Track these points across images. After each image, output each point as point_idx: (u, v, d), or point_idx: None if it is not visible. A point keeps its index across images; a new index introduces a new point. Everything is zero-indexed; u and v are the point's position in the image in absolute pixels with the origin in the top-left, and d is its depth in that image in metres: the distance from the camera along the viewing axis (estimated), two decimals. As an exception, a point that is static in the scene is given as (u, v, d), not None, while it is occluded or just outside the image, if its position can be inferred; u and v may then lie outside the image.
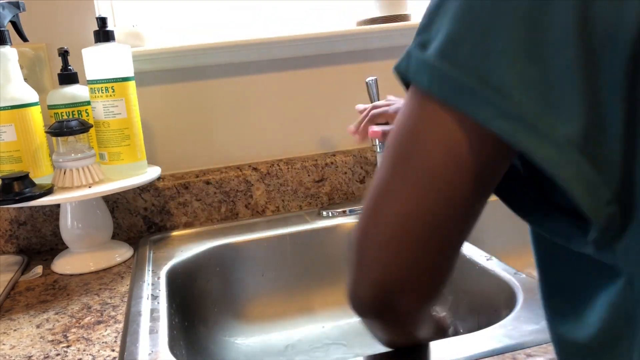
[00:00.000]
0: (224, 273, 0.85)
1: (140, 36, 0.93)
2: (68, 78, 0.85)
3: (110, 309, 0.67)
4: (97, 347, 0.58)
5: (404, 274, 0.38)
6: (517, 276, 0.63)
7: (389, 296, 0.39)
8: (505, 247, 0.88)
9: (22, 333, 0.63)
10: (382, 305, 0.40)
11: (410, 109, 0.36)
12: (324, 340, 0.81)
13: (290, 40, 0.96)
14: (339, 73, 1.02)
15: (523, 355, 0.48)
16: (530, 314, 0.54)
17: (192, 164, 0.98)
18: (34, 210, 0.90)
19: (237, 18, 1.03)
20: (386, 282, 0.38)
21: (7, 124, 0.77)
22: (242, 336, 0.82)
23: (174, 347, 0.59)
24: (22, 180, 0.75)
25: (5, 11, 0.78)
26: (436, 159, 0.34)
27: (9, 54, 0.78)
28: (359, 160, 1.01)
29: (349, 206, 0.95)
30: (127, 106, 0.82)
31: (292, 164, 0.98)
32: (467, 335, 0.52)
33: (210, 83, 0.97)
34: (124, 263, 0.83)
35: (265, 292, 0.87)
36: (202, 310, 0.80)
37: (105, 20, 0.81)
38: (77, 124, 0.79)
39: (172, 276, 0.76)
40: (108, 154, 0.83)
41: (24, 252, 0.91)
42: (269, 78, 0.99)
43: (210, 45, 0.93)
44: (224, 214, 0.97)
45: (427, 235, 0.37)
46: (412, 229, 0.37)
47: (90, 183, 0.79)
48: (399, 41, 1.02)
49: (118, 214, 0.93)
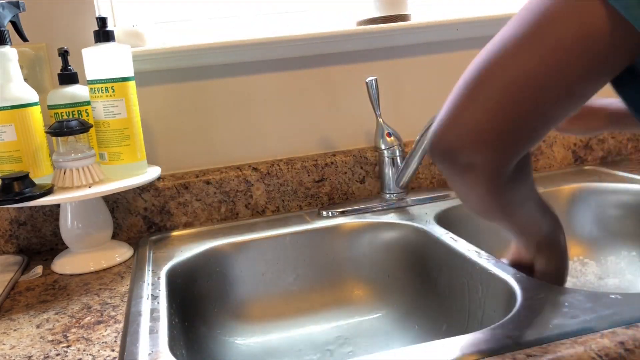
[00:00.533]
0: (224, 273, 0.85)
1: (140, 36, 0.93)
2: (68, 78, 0.85)
3: (110, 309, 0.67)
4: (97, 347, 0.58)
5: (494, 126, 0.41)
6: (517, 276, 0.63)
7: (469, 142, 0.42)
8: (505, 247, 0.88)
9: (22, 333, 0.63)
10: (458, 149, 0.43)
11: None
12: (324, 340, 0.81)
13: (290, 40, 0.96)
14: (339, 73, 1.02)
15: (523, 355, 0.48)
16: (530, 314, 0.54)
17: (192, 164, 0.98)
18: (34, 210, 0.90)
19: (237, 18, 1.03)
20: (474, 128, 0.42)
21: (7, 124, 0.77)
22: (242, 336, 0.82)
23: (174, 347, 0.59)
24: (22, 180, 0.75)
25: (5, 11, 0.78)
26: (567, 31, 0.38)
27: (9, 54, 0.78)
28: (359, 160, 1.01)
29: (349, 206, 0.95)
30: (127, 106, 0.82)
31: (292, 164, 0.98)
32: (467, 335, 0.52)
33: (210, 83, 0.97)
34: (124, 263, 0.83)
35: (265, 292, 0.87)
36: (202, 310, 0.81)
37: (105, 20, 0.81)
38: (77, 124, 0.79)
39: (172, 276, 0.76)
40: (108, 154, 0.83)
41: (24, 252, 0.91)
42: (269, 78, 0.99)
43: (210, 45, 0.93)
44: (224, 214, 0.97)
45: (533, 98, 0.40)
46: (523, 87, 0.40)
47: (90, 183, 0.79)
48: (399, 41, 1.02)
49: (118, 214, 0.93)
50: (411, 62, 1.05)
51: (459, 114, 0.43)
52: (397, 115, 1.05)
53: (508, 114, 0.41)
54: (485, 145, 0.43)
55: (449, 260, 0.76)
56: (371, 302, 0.87)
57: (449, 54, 1.06)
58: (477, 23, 1.03)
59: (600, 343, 0.48)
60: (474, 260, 0.70)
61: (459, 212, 0.93)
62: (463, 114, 0.43)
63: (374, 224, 0.90)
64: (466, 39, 1.06)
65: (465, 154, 0.44)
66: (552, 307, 0.55)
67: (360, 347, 0.79)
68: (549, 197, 0.97)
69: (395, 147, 0.95)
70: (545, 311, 0.54)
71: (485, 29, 1.05)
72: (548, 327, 0.51)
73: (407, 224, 0.87)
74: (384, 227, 0.89)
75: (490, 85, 0.41)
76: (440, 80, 1.07)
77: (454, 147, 0.44)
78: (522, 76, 0.40)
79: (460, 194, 0.52)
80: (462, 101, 0.43)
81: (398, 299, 0.85)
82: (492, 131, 0.42)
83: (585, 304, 0.55)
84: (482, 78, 0.42)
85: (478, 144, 0.43)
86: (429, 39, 1.03)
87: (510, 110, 0.41)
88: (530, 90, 0.40)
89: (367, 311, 0.86)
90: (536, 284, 0.60)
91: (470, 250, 0.73)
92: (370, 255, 0.89)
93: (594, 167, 1.08)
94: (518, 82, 0.40)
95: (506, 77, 0.41)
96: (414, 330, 0.80)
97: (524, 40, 0.40)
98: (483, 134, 0.42)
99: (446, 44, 1.05)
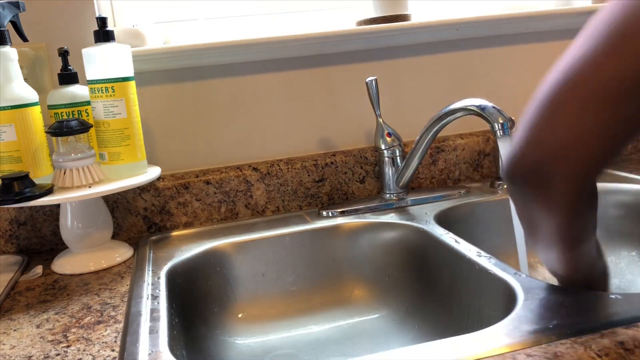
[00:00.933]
0: (224, 273, 0.85)
1: (140, 36, 0.93)
2: (68, 78, 0.85)
3: (110, 309, 0.67)
4: (97, 347, 0.58)
5: (579, 139, 0.42)
6: (517, 276, 0.63)
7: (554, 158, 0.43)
8: (505, 247, 0.88)
9: (22, 333, 0.63)
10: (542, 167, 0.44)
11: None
12: (324, 340, 0.81)
13: (290, 40, 0.96)
14: (339, 73, 1.02)
15: (523, 355, 0.48)
16: (530, 314, 0.54)
17: (192, 164, 0.98)
18: (34, 210, 0.90)
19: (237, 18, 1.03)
20: (559, 143, 0.43)
21: (7, 124, 0.77)
22: (242, 336, 0.82)
23: (174, 347, 0.59)
24: (22, 180, 0.75)
25: (5, 11, 0.78)
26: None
27: (9, 53, 0.78)
28: (359, 160, 1.01)
29: (349, 206, 0.95)
30: (127, 106, 0.82)
31: (292, 164, 0.98)
32: (467, 335, 0.52)
33: (210, 83, 0.97)
34: (124, 263, 0.83)
35: (265, 292, 0.87)
36: (202, 310, 0.81)
37: (105, 20, 0.81)
38: (77, 124, 0.79)
39: (172, 276, 0.76)
40: (108, 154, 0.83)
41: (24, 252, 0.91)
42: (269, 78, 0.99)
43: (210, 45, 0.93)
44: (224, 214, 0.97)
45: (616, 107, 0.41)
46: (607, 98, 0.40)
47: (90, 183, 0.79)
48: (399, 41, 1.02)
49: (118, 214, 0.93)
50: (411, 62, 1.05)
51: (540, 132, 0.44)
52: (397, 115, 1.05)
53: (592, 127, 0.42)
54: (570, 159, 0.43)
55: (449, 261, 0.76)
56: (371, 302, 0.87)
57: (449, 54, 1.06)
58: (477, 23, 1.03)
59: (600, 343, 0.48)
60: (474, 260, 0.70)
61: (459, 212, 0.93)
62: (545, 131, 0.44)
63: (374, 224, 0.90)
64: (466, 39, 1.06)
65: (549, 171, 0.44)
66: (552, 307, 0.55)
67: (360, 347, 0.79)
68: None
69: (395, 147, 0.95)
70: (545, 311, 0.54)
71: (485, 29, 1.06)
72: (548, 327, 0.51)
73: (407, 224, 0.87)
74: (384, 227, 0.89)
75: (572, 99, 0.42)
76: (440, 80, 1.07)
77: (538, 166, 0.45)
78: (607, 86, 0.41)
79: (532, 222, 0.51)
80: (542, 119, 0.44)
81: (398, 299, 0.85)
82: (577, 145, 0.43)
83: (585, 304, 0.55)
84: (561, 93, 0.43)
85: (563, 159, 0.43)
86: (429, 39, 1.03)
87: (594, 123, 0.42)
88: (614, 99, 0.41)
89: (367, 311, 0.86)
90: (536, 284, 0.60)
91: (470, 250, 0.73)
92: (370, 255, 0.89)
93: (594, 167, 1.08)
94: (602, 92, 0.41)
95: (589, 90, 0.41)
96: (414, 330, 0.80)
97: (608, 49, 0.40)
98: (567, 149, 0.43)
99: (446, 44, 1.05)
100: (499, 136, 0.77)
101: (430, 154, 1.04)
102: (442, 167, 1.05)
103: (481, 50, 1.08)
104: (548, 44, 1.11)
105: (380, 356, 0.50)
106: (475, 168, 1.07)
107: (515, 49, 1.09)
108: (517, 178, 0.47)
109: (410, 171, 0.93)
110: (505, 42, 1.09)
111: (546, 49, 1.11)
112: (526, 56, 1.10)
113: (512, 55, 1.09)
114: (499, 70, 1.09)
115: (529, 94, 1.20)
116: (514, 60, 1.10)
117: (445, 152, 1.05)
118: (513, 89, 1.10)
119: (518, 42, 1.09)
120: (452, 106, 0.83)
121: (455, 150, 1.05)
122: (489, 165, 1.07)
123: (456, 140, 1.05)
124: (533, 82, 1.11)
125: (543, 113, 0.44)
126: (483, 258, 0.70)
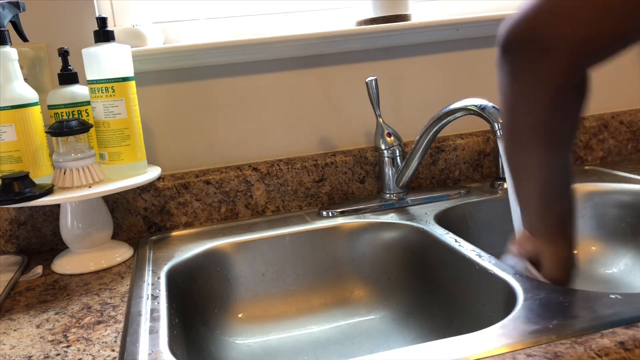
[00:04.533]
0: (224, 273, 0.85)
1: (140, 36, 0.93)
2: (68, 78, 0.85)
3: (110, 309, 0.67)
4: (97, 347, 0.58)
5: (594, 12, 0.41)
6: (517, 276, 0.63)
7: (564, 19, 0.41)
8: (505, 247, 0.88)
9: (22, 333, 0.63)
10: (546, 28, 0.42)
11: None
12: (324, 340, 0.81)
13: (290, 40, 0.96)
14: (339, 73, 1.02)
15: (523, 355, 0.48)
16: (530, 314, 0.54)
17: (192, 164, 0.98)
18: (34, 210, 0.90)
19: (237, 18, 1.03)
20: (574, 6, 0.41)
21: (7, 124, 0.77)
22: (242, 336, 0.82)
23: (174, 347, 0.59)
24: (22, 180, 0.75)
25: (5, 11, 0.78)
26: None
27: (9, 53, 0.78)
28: (359, 160, 1.01)
29: (349, 206, 0.95)
30: (127, 106, 0.82)
31: (292, 164, 0.98)
32: (467, 335, 0.52)
33: (210, 83, 0.97)
34: (124, 263, 0.83)
35: (265, 292, 0.87)
36: (202, 310, 0.81)
37: (105, 20, 0.81)
38: (77, 124, 0.79)
39: (172, 276, 0.76)
40: (108, 154, 0.83)
41: (24, 252, 0.91)
42: (269, 78, 0.99)
43: (210, 45, 0.93)
44: (224, 214, 0.97)
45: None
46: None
47: (90, 183, 0.79)
48: (399, 41, 1.02)
49: (118, 214, 0.93)
50: (411, 62, 1.05)
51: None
52: (397, 115, 1.05)
53: (612, 5, 0.40)
54: (576, 30, 0.42)
55: (449, 261, 0.76)
56: (371, 302, 0.87)
57: (449, 54, 1.06)
58: (477, 23, 1.03)
59: (600, 343, 0.48)
60: (474, 260, 0.70)
61: (459, 212, 0.93)
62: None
63: (374, 224, 0.90)
64: (466, 39, 1.06)
65: (550, 39, 0.42)
66: (552, 307, 0.55)
67: (360, 347, 0.79)
68: (549, 197, 0.97)
69: (395, 147, 0.95)
70: (545, 311, 0.54)
71: (485, 29, 1.06)
72: (548, 327, 0.51)
73: (407, 224, 0.87)
74: (384, 227, 0.89)
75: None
76: (440, 80, 1.07)
77: (540, 30, 0.43)
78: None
79: (514, 99, 0.49)
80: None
81: (398, 299, 0.85)
82: (589, 18, 0.41)
83: (585, 304, 0.55)
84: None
85: (569, 26, 0.41)
86: (429, 39, 1.03)
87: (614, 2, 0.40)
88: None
89: (367, 311, 0.86)
90: (536, 284, 0.60)
91: (470, 250, 0.73)
92: (370, 255, 0.89)
93: (594, 167, 1.08)
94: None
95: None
96: (413, 331, 0.80)
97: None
98: (577, 19, 0.41)
99: (446, 44, 1.05)
100: (499, 136, 0.77)
101: (430, 154, 1.04)
102: (442, 167, 1.05)
103: (481, 50, 1.08)
104: (548, 44, 1.10)
105: (380, 356, 0.51)
106: (475, 168, 1.07)
107: (515, 49, 1.09)
108: (513, 44, 0.45)
109: (410, 171, 0.93)
110: (505, 42, 1.08)
111: (546, 49, 1.11)
112: (526, 56, 1.10)
113: (512, 55, 1.09)
114: (499, 70, 1.09)
115: (529, 94, 1.14)
116: (514, 60, 1.09)
117: (445, 152, 1.05)
118: (513, 89, 1.10)
119: (518, 42, 1.09)
120: (452, 106, 0.83)
121: (455, 150, 1.05)
122: (489, 165, 1.07)
123: (456, 140, 1.05)
124: (533, 82, 1.11)
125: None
126: (483, 258, 0.70)
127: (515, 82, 0.48)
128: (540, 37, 0.43)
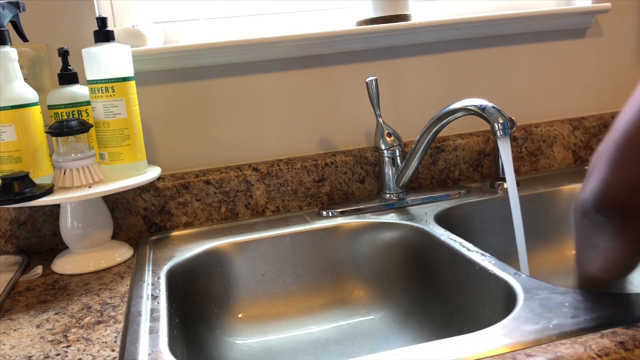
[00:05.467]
0: (224, 273, 0.85)
1: (140, 36, 0.93)
2: (68, 78, 0.85)
3: (110, 309, 0.67)
4: (97, 347, 0.58)
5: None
6: (517, 276, 0.63)
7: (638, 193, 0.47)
8: (505, 247, 0.88)
9: (22, 333, 0.63)
10: (628, 200, 0.48)
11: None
12: (324, 340, 0.81)
13: (290, 40, 0.96)
14: (339, 73, 1.02)
15: (523, 355, 0.48)
16: (530, 314, 0.54)
17: (192, 164, 0.98)
18: (34, 210, 0.90)
19: (237, 18, 1.03)
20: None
21: (7, 124, 0.77)
22: (242, 336, 0.82)
23: (174, 347, 0.59)
24: (22, 180, 0.75)
25: (5, 11, 0.78)
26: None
27: (9, 53, 0.78)
28: (359, 160, 1.01)
29: (349, 206, 0.95)
30: (127, 106, 0.82)
31: (292, 164, 0.98)
32: (467, 335, 0.52)
33: (210, 83, 0.97)
34: (124, 263, 0.83)
35: (265, 292, 0.87)
36: (202, 310, 0.81)
37: (105, 20, 0.81)
38: (77, 124, 0.79)
39: (172, 276, 0.76)
40: (108, 154, 0.83)
41: (24, 252, 0.91)
42: (269, 78, 0.99)
43: (210, 45, 0.93)
44: (224, 214, 0.97)
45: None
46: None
47: (90, 183, 0.79)
48: (399, 41, 1.02)
49: (118, 214, 0.93)
50: (411, 62, 1.05)
51: (622, 171, 0.49)
52: (397, 115, 1.05)
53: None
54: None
55: (449, 261, 0.76)
56: (371, 302, 0.87)
57: (449, 54, 1.06)
58: (477, 23, 1.03)
59: (600, 343, 0.48)
60: (474, 260, 0.70)
61: (459, 212, 0.93)
62: (627, 171, 0.48)
63: (374, 224, 0.90)
64: (466, 39, 1.06)
65: (634, 204, 0.48)
66: (552, 307, 0.55)
67: (361, 347, 0.79)
68: (549, 197, 0.97)
69: (395, 147, 0.95)
70: (545, 311, 0.54)
71: (485, 29, 1.06)
72: (548, 327, 0.51)
73: (407, 224, 0.87)
74: (384, 227, 0.89)
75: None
76: (440, 80, 1.07)
77: (624, 200, 0.49)
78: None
79: (610, 249, 0.53)
80: (626, 158, 0.48)
81: (398, 299, 0.85)
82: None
83: (585, 304, 0.55)
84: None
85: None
86: (429, 39, 1.03)
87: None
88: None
89: (367, 311, 0.86)
90: (536, 284, 0.60)
91: (470, 250, 0.73)
92: (370, 255, 0.89)
93: (594, 167, 1.08)
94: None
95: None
96: (414, 331, 0.80)
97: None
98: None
99: (446, 44, 1.05)
100: (499, 136, 0.77)
101: (430, 154, 1.04)
102: (442, 167, 1.05)
103: (481, 50, 1.08)
104: (548, 44, 1.11)
105: (380, 356, 0.51)
106: (475, 168, 1.07)
107: (515, 49, 1.09)
108: (604, 211, 0.50)
109: (410, 171, 0.93)
110: (505, 42, 1.09)
111: (546, 49, 1.11)
112: (526, 56, 1.10)
113: (512, 55, 1.09)
114: (499, 70, 1.09)
115: (529, 94, 1.20)
116: (514, 60, 1.10)
117: (445, 152, 1.05)
118: (513, 89, 1.10)
119: (518, 42, 1.09)
120: (452, 106, 0.83)
121: (455, 150, 1.05)
122: (489, 165, 1.07)
123: (456, 140, 1.05)
124: (533, 82, 1.11)
125: (626, 152, 0.48)
126: (483, 258, 0.70)
127: (616, 241, 0.53)
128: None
